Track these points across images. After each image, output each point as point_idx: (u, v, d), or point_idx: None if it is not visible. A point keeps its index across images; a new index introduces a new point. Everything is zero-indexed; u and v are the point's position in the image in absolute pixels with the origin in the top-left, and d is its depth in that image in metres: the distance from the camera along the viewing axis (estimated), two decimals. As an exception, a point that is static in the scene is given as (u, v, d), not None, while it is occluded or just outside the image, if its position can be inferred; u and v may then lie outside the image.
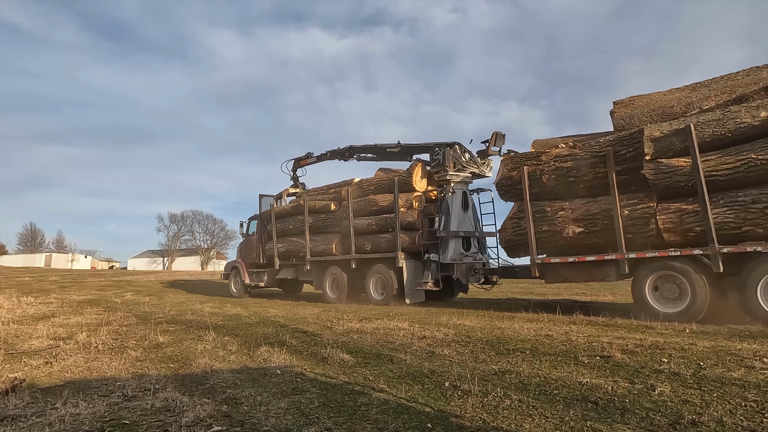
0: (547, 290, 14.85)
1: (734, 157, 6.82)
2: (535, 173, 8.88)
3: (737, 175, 6.81)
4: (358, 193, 12.63)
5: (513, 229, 9.46)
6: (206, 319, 9.39)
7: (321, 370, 5.09)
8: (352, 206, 12.21)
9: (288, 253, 14.34)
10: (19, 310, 10.97)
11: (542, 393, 4.02)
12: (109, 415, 3.64)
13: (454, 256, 10.93)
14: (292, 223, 14.19)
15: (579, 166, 8.28)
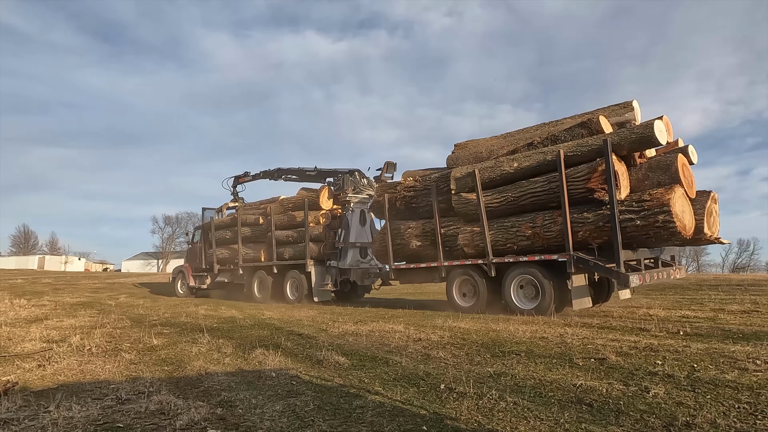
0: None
1: (500, 194, 9.22)
2: (393, 199, 11.19)
3: (502, 207, 9.24)
4: (280, 209, 14.76)
5: (380, 242, 11.67)
6: (201, 321, 9.35)
7: (316, 372, 5.08)
8: (275, 220, 14.42)
9: (226, 260, 16.39)
10: (12, 312, 10.89)
11: (537, 395, 4.03)
12: (103, 419, 3.62)
13: (352, 262, 13.15)
14: (229, 233, 16.17)
15: (417, 195, 10.78)
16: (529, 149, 9.29)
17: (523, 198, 8.93)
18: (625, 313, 8.92)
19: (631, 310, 9.43)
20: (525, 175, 8.92)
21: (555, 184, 8.33)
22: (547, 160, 8.53)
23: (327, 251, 13.30)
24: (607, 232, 7.86)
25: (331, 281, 13.03)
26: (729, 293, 12.50)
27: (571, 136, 8.83)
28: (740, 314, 8.48)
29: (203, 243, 17.33)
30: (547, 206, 8.70)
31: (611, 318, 8.38)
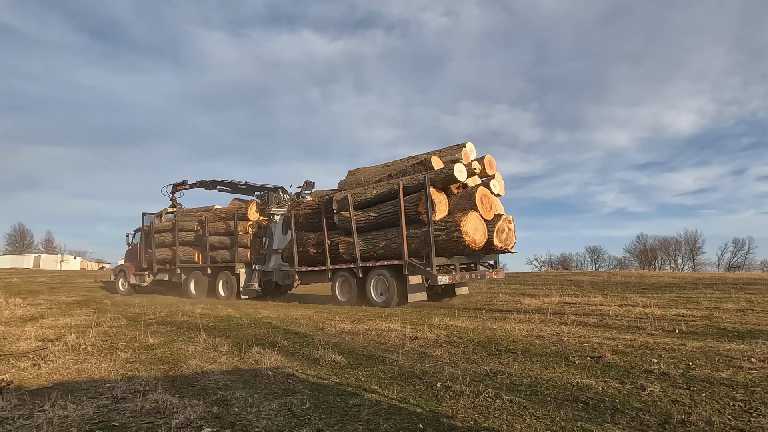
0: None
1: (365, 214, 11.55)
2: (297, 215, 13.42)
3: (367, 224, 11.53)
4: (214, 218, 16.44)
5: (288, 249, 13.78)
6: (197, 320, 9.33)
7: (313, 371, 5.07)
8: (209, 228, 16.12)
9: (165, 260, 17.87)
10: (7, 311, 10.84)
11: (533, 393, 4.03)
12: (98, 417, 3.61)
13: (274, 266, 14.97)
14: (169, 236, 17.63)
15: (314, 213, 12.96)
16: (388, 179, 11.75)
17: (380, 217, 11.31)
18: (622, 312, 8.95)
19: (627, 308, 9.46)
20: (381, 199, 11.34)
21: (397, 208, 10.69)
22: (393, 189, 10.92)
23: (254, 256, 15.29)
24: (428, 244, 10.12)
25: (257, 281, 15.05)
26: (724, 292, 12.56)
27: (413, 171, 11.34)
28: (735, 313, 8.52)
29: (143, 244, 18.88)
30: (395, 224, 10.93)
31: (607, 317, 8.40)
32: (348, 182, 13.09)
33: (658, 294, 12.65)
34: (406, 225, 10.50)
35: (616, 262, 77.49)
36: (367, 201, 11.47)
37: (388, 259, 11.04)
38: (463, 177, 10.16)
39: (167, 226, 17.88)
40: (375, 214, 11.30)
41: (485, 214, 10.41)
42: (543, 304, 10.81)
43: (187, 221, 17.22)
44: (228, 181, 17.77)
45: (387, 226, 11.17)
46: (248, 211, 15.34)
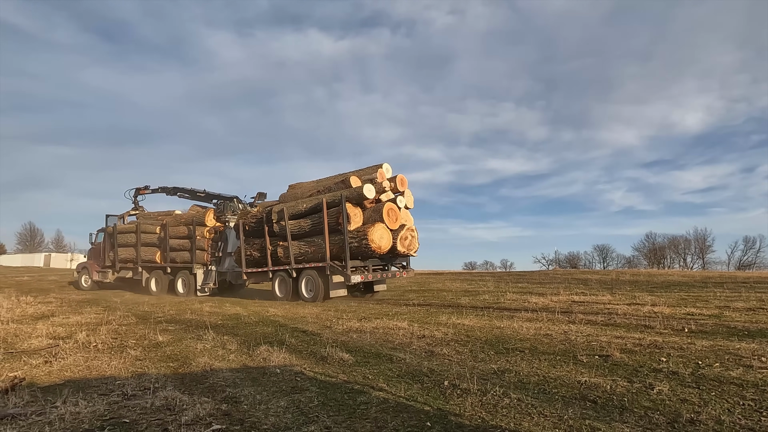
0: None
1: (297, 223, 13.29)
2: (245, 224, 15.09)
3: (300, 232, 13.27)
4: (175, 222, 17.78)
5: (237, 253, 15.58)
6: (205, 318, 9.39)
7: (320, 369, 5.10)
8: (170, 231, 17.42)
9: (127, 259, 19.05)
10: (19, 309, 10.96)
11: (541, 392, 4.03)
12: (109, 414, 3.65)
13: (228, 267, 16.45)
14: (131, 238, 18.74)
15: (259, 222, 14.46)
16: (318, 194, 13.41)
17: (308, 226, 13.05)
18: (630, 311, 8.90)
19: (636, 307, 9.41)
20: (310, 212, 13.04)
21: (322, 219, 12.41)
22: (319, 204, 12.65)
23: (210, 258, 16.71)
24: (344, 250, 11.97)
25: (212, 281, 16.70)
26: (734, 291, 12.45)
27: (336, 188, 13.09)
28: (745, 312, 8.44)
29: (106, 244, 20.07)
30: (321, 232, 12.55)
31: (616, 315, 8.36)
32: (287, 195, 14.80)
33: (667, 293, 12.57)
34: (329, 233, 12.40)
35: (624, 260, 77.06)
36: (299, 213, 13.30)
37: (315, 262, 12.79)
38: (372, 195, 12.16)
39: (131, 227, 18.99)
40: (305, 223, 13.13)
41: (391, 225, 12.28)
42: (551, 302, 10.78)
43: (149, 224, 18.46)
44: (188, 189, 19.03)
45: (315, 234, 12.92)
46: (206, 218, 16.88)
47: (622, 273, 22.58)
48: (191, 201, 19.35)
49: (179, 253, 17.18)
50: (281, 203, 14.16)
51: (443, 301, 12.26)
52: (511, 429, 3.21)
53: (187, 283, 16.80)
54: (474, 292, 14.66)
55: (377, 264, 12.79)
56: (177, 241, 17.24)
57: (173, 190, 19.35)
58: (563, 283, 16.40)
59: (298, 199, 13.81)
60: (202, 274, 16.69)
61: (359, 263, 12.31)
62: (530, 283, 17.89)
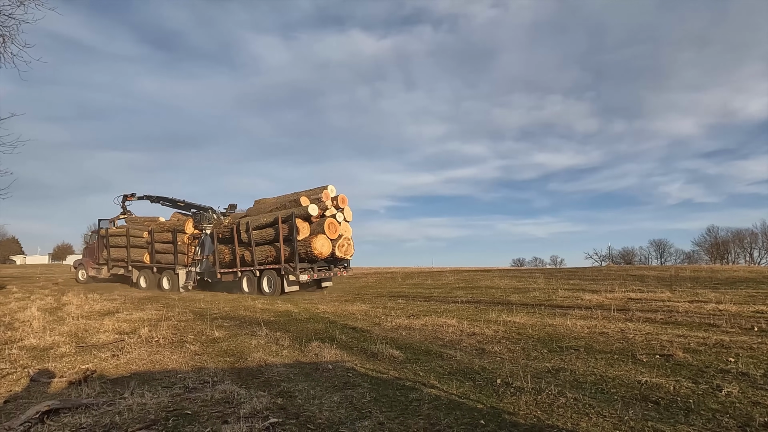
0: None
1: (260, 233, 16.09)
2: (218, 233, 17.81)
3: (262, 240, 16.05)
4: (160, 228, 20.05)
5: (212, 257, 18.08)
6: (258, 315, 9.66)
7: (371, 365, 5.14)
8: (155, 237, 19.82)
9: (118, 259, 21.48)
10: (87, 306, 11.65)
11: (599, 391, 3.90)
12: (173, 406, 3.82)
13: (205, 268, 18.94)
14: (122, 240, 21.16)
15: (229, 231, 17.10)
16: (276, 210, 16.14)
17: (268, 236, 15.89)
18: (692, 308, 8.47)
19: (698, 305, 8.94)
20: (269, 224, 15.91)
21: (278, 231, 15.37)
22: (276, 219, 15.52)
23: (189, 260, 19.14)
24: (294, 255, 14.93)
25: (192, 280, 19.19)
26: (809, 287, 11.60)
27: (290, 206, 15.82)
28: (823, 309, 7.86)
29: (99, 244, 22.46)
30: (277, 241, 15.44)
31: (676, 313, 7.98)
32: (253, 209, 17.68)
33: (732, 290, 11.86)
34: (283, 242, 15.29)
35: (683, 255, 73.50)
36: (261, 225, 16.15)
37: (273, 264, 15.74)
38: (315, 213, 15.22)
39: (121, 231, 21.43)
40: (266, 233, 15.97)
41: (331, 236, 15.31)
42: (605, 299, 10.41)
43: (137, 229, 20.87)
44: (169, 198, 21.46)
45: (273, 242, 15.76)
46: (186, 226, 19.26)
47: (682, 269, 21.50)
48: (172, 209, 21.76)
49: (164, 255, 19.66)
50: (248, 216, 17.13)
51: (492, 298, 12.09)
52: (569, 429, 3.13)
53: (171, 281, 19.39)
54: (524, 289, 14.37)
55: (322, 265, 15.86)
56: (162, 245, 19.76)
57: (156, 199, 21.84)
58: (618, 280, 15.80)
59: (261, 213, 16.79)
60: (184, 273, 19.21)
61: (307, 265, 15.28)
62: (582, 279, 17.33)
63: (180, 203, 21.03)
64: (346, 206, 16.18)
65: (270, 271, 15.84)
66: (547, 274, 22.17)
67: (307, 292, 16.16)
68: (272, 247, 15.68)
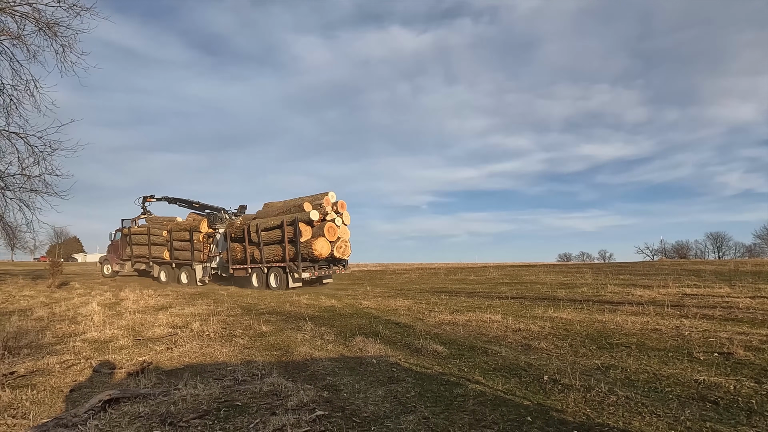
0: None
1: (268, 234, 17.64)
2: (230, 233, 19.48)
3: (270, 240, 17.60)
4: (177, 228, 21.85)
5: (226, 254, 19.95)
6: (303, 310, 9.85)
7: (415, 360, 5.15)
8: (174, 235, 21.73)
9: (140, 255, 23.41)
10: (142, 301, 12.23)
11: (652, 390, 3.76)
12: (224, 397, 3.96)
13: (219, 264, 20.84)
14: (144, 238, 23.05)
15: (240, 231, 18.71)
16: (282, 214, 17.64)
17: (276, 237, 17.37)
18: (754, 304, 8.01)
19: (761, 301, 8.45)
20: (276, 227, 17.38)
21: (283, 233, 16.87)
22: (281, 222, 17.06)
23: (205, 257, 20.92)
24: (297, 255, 16.49)
25: (207, 274, 21.09)
26: None
27: (294, 210, 17.38)
28: None
29: (123, 242, 24.56)
30: (283, 242, 16.95)
31: (737, 309, 7.57)
32: (262, 212, 19.17)
33: (799, 284, 11.13)
34: (288, 243, 16.81)
35: (743, 249, 69.63)
36: (268, 227, 17.71)
37: (279, 262, 17.28)
38: (317, 218, 16.77)
39: (143, 230, 23.28)
40: (273, 235, 17.52)
41: (330, 238, 16.89)
42: (658, 295, 10.00)
43: (157, 228, 22.65)
44: (185, 200, 23.23)
45: (279, 242, 17.28)
46: (201, 226, 21.03)
47: (742, 263, 20.36)
48: (188, 210, 23.44)
49: (182, 252, 21.47)
50: (257, 219, 18.69)
51: (538, 293, 11.84)
52: (620, 428, 3.04)
53: (189, 276, 21.25)
54: (571, 284, 13.99)
55: (323, 264, 17.40)
56: (180, 243, 21.54)
57: (174, 200, 23.54)
58: (672, 275, 15.13)
59: (269, 216, 18.38)
60: (200, 269, 21.00)
61: (309, 264, 16.83)
62: (633, 274, 16.70)
63: (195, 204, 22.81)
64: (344, 211, 17.86)
65: (277, 269, 17.41)
66: (595, 269, 21.50)
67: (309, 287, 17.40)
68: (279, 247, 17.20)
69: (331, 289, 16.32)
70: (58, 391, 4.41)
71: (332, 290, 15.93)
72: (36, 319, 9.21)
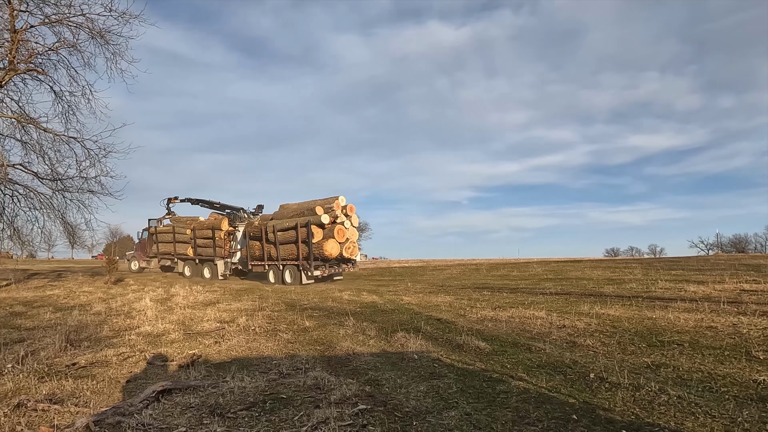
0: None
1: (283, 234, 18.82)
2: (249, 231, 20.86)
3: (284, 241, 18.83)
4: (200, 226, 23.30)
5: (245, 251, 21.40)
6: (345, 306, 9.97)
7: (457, 356, 5.12)
8: (197, 233, 23.29)
9: (165, 252, 25.25)
10: (192, 297, 12.69)
11: (706, 390, 3.61)
12: (269, 390, 4.07)
13: (238, 260, 22.35)
14: (169, 236, 24.85)
15: (258, 230, 20.18)
16: (296, 216, 18.89)
17: (290, 237, 18.53)
18: None
19: (829, 297, 7.92)
20: (290, 228, 18.51)
21: (296, 234, 18.13)
22: (295, 225, 18.26)
23: (226, 253, 22.44)
24: (309, 255, 17.72)
25: (228, 269, 22.66)
26: None
27: (306, 213, 18.56)
28: None
29: (149, 240, 26.39)
30: (296, 242, 18.18)
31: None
32: (278, 213, 20.47)
33: None
34: (301, 243, 18.06)
35: (809, 242, 65.11)
36: (284, 228, 18.88)
37: (293, 261, 18.54)
38: (327, 221, 17.89)
39: (168, 229, 25.08)
40: (288, 235, 18.72)
41: (339, 239, 18.08)
42: (713, 291, 9.53)
43: (181, 226, 24.27)
44: (207, 200, 24.43)
45: (293, 242, 18.50)
46: (222, 224, 22.50)
47: (808, 257, 19.10)
48: (209, 210, 24.67)
49: (204, 249, 23.04)
50: (274, 219, 20.06)
51: (583, 290, 11.52)
52: (672, 429, 2.93)
53: (211, 270, 22.73)
54: (618, 280, 13.54)
55: (333, 263, 18.70)
56: (202, 240, 23.10)
57: (196, 201, 24.91)
58: (728, 270, 14.39)
59: (285, 217, 19.71)
60: (222, 264, 22.54)
61: (320, 263, 18.11)
62: (686, 270, 15.98)
63: (216, 205, 24.02)
64: (353, 214, 19.19)
65: (291, 266, 18.77)
66: (645, 264, 20.72)
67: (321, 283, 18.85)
68: (294, 246, 18.55)
69: (372, 285, 16.43)
70: (115, 382, 4.65)
71: (373, 286, 16.03)
72: (94, 313, 9.73)
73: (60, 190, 15.96)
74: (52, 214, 16.07)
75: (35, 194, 15.71)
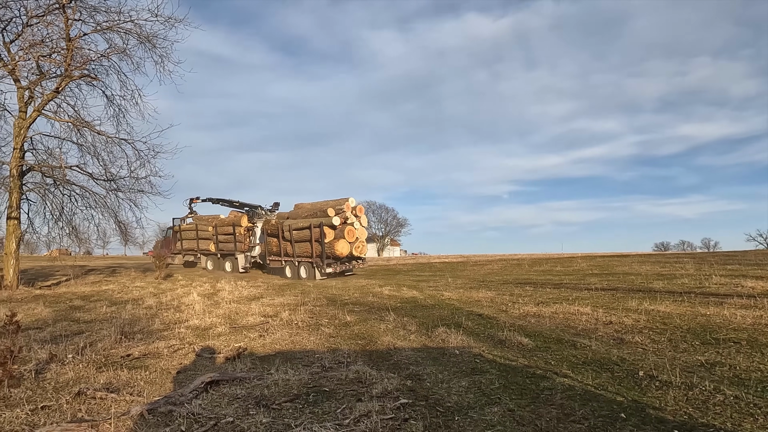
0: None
1: (298, 233, 20.30)
2: (266, 228, 22.39)
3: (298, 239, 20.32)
4: (221, 223, 24.81)
5: (263, 247, 23.25)
6: (385, 301, 10.02)
7: (499, 352, 5.06)
8: (218, 230, 24.78)
9: (189, 248, 26.73)
10: (237, 292, 13.06)
11: (766, 390, 3.42)
12: (312, 382, 4.15)
13: (257, 254, 24.10)
14: (192, 234, 26.36)
15: (275, 228, 21.43)
16: (309, 217, 20.15)
17: (305, 236, 19.81)
18: None
19: None
20: (304, 227, 19.83)
21: (310, 233, 19.46)
22: (308, 225, 19.59)
23: (245, 248, 23.87)
24: (322, 253, 19.00)
25: (249, 263, 24.20)
26: None
27: (319, 214, 19.74)
28: None
29: (174, 237, 27.86)
30: (310, 241, 19.46)
31: None
32: (293, 213, 21.69)
33: None
34: (314, 242, 19.35)
35: None
36: (298, 227, 20.18)
37: (308, 258, 19.91)
38: (338, 223, 19.11)
39: (191, 227, 26.59)
40: (302, 234, 20.05)
41: (349, 239, 19.25)
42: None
43: (204, 224, 25.84)
44: (227, 199, 25.96)
45: (307, 241, 19.77)
46: (241, 221, 24.01)
47: None
48: (229, 208, 26.07)
49: (225, 245, 24.43)
50: (289, 219, 21.33)
51: (631, 285, 11.13)
52: (728, 430, 2.80)
53: (232, 264, 24.16)
54: (669, 275, 13.00)
55: (344, 260, 19.81)
56: (224, 236, 24.51)
57: (217, 200, 26.28)
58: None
59: (299, 216, 21.04)
60: (242, 258, 23.93)
61: (332, 261, 19.36)
62: (743, 264, 15.16)
63: (235, 203, 25.60)
64: (362, 215, 20.42)
65: (306, 263, 20.23)
66: (698, 258, 19.80)
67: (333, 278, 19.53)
68: (308, 245, 19.81)
69: (412, 281, 16.44)
70: (166, 373, 4.85)
71: (413, 281, 16.04)
72: (146, 307, 10.16)
73: (113, 190, 16.76)
74: (106, 212, 16.90)
75: (90, 194, 16.55)
